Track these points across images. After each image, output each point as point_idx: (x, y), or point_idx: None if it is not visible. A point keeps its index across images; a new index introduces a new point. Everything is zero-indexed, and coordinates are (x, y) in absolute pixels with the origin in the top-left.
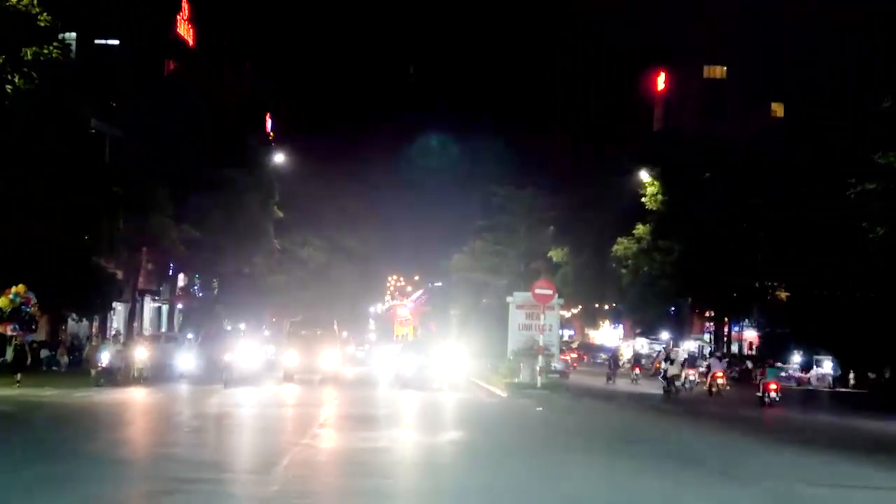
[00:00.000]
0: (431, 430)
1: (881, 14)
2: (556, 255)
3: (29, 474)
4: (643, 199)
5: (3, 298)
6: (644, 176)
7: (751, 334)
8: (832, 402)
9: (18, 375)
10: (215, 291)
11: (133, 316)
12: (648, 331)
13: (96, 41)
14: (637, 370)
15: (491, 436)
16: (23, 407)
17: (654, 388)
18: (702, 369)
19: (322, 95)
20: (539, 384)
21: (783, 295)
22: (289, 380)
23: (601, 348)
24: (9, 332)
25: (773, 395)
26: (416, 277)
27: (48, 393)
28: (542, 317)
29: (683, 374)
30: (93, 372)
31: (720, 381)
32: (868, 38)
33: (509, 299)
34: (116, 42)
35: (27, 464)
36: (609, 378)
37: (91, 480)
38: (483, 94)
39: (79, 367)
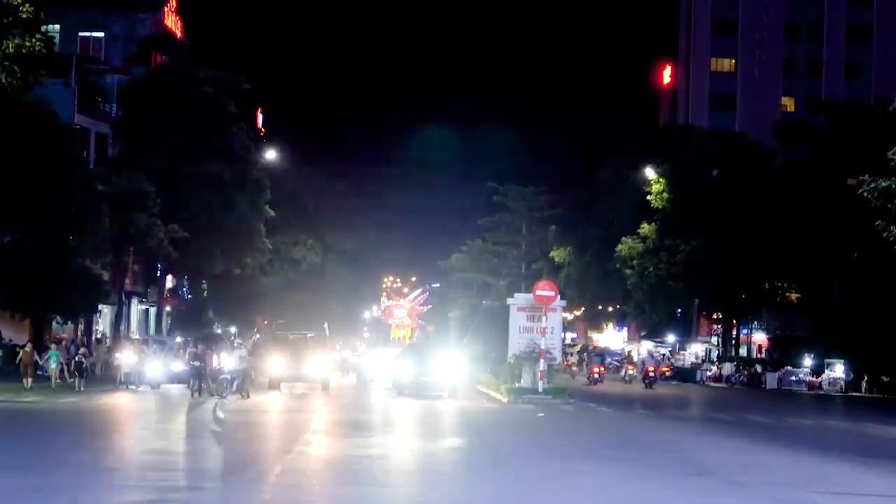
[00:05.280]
0: (429, 437)
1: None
2: (558, 255)
3: None
4: (649, 198)
5: None
6: (650, 173)
7: (760, 337)
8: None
9: None
10: (204, 294)
11: (119, 319)
12: (654, 333)
13: (81, 34)
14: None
15: (490, 443)
16: None
17: (667, 389)
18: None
19: (315, 91)
20: (541, 389)
21: (793, 296)
22: (273, 388)
23: (605, 351)
24: None
25: (595, 376)
26: (413, 279)
27: None
28: (543, 319)
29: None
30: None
31: (652, 373)
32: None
33: (510, 301)
34: (101, 35)
35: None
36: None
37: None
38: (483, 88)
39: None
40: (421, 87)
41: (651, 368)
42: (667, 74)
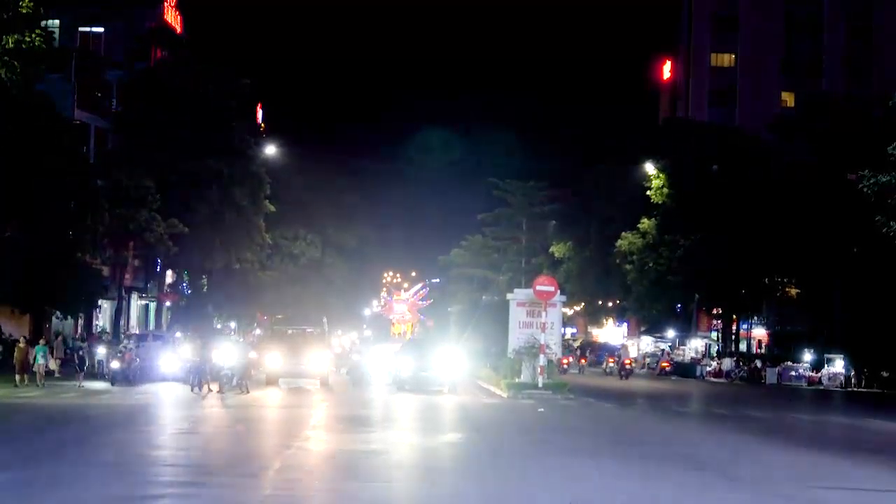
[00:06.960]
0: (429, 432)
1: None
2: (558, 250)
3: None
4: (648, 193)
5: None
6: (649, 168)
7: (760, 332)
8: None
9: None
10: (204, 289)
11: (119, 314)
12: (654, 329)
13: (80, 29)
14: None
15: (490, 439)
16: None
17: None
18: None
19: (316, 85)
20: (541, 384)
21: (793, 291)
22: (272, 383)
23: (605, 347)
24: None
25: (564, 366)
26: (413, 274)
27: None
28: (543, 314)
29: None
30: (18, 377)
31: (628, 365)
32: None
33: (510, 296)
34: (101, 30)
35: None
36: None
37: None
38: (483, 88)
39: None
40: (421, 86)
41: (627, 361)
42: (666, 69)
